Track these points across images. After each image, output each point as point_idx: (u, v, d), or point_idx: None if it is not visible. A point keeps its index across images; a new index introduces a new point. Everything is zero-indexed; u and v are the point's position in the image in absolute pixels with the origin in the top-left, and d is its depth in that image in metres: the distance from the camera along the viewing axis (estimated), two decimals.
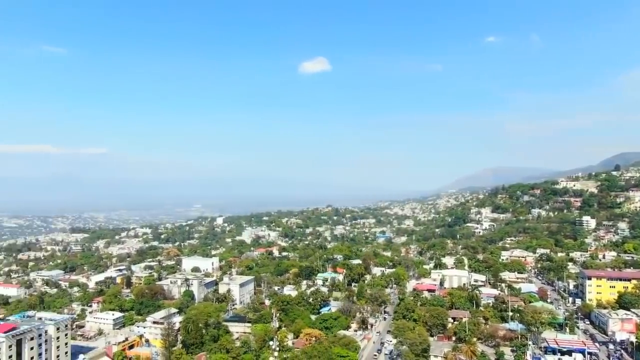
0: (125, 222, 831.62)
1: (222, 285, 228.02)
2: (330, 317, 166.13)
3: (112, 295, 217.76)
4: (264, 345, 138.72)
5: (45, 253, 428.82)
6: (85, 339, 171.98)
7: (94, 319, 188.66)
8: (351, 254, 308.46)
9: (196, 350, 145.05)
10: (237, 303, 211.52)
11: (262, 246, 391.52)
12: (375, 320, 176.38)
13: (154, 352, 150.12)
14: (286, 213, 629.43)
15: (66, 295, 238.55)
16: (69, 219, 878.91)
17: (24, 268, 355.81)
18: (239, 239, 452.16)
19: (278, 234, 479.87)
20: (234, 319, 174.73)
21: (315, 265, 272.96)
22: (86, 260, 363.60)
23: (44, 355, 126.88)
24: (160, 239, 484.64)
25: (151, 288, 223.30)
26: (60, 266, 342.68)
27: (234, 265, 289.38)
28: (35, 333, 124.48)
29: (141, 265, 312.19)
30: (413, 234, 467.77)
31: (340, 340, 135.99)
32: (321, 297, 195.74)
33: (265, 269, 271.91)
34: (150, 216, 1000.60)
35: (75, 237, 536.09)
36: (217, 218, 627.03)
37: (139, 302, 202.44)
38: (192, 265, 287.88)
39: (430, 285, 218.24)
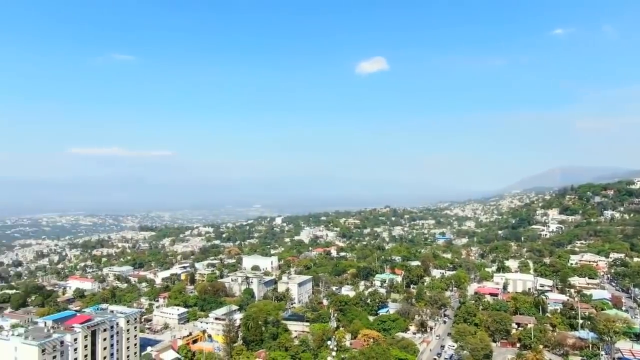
0: (189, 221, 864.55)
1: (281, 284, 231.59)
2: (388, 318, 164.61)
3: (177, 291, 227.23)
4: (322, 345, 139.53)
5: (116, 250, 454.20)
6: (153, 332, 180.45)
7: (161, 313, 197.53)
8: (410, 255, 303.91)
9: (256, 347, 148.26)
10: (295, 302, 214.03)
11: (320, 246, 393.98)
12: (435, 324, 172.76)
13: (216, 347, 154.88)
14: (344, 213, 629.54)
15: (135, 290, 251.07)
16: (137, 218, 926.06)
17: (97, 263, 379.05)
18: (297, 238, 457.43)
19: (336, 234, 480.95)
20: (293, 317, 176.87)
21: (373, 266, 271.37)
22: (153, 257, 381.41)
23: (116, 346, 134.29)
24: (222, 237, 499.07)
25: (213, 285, 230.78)
26: (130, 262, 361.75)
27: (292, 265, 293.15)
28: (108, 325, 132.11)
29: (204, 263, 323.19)
30: (474, 235, 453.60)
31: (399, 342, 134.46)
32: (379, 298, 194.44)
33: (323, 269, 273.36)
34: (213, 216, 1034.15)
35: (143, 235, 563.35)
36: (276, 218, 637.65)
37: (202, 299, 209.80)
38: (252, 263, 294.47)
39: (493, 289, 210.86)
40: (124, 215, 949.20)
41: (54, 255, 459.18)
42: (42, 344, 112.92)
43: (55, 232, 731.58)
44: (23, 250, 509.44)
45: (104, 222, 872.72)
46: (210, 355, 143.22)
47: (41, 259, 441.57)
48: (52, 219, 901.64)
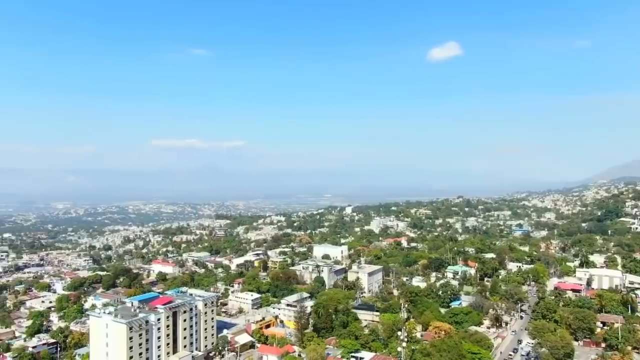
0: (262, 210, 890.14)
1: (351, 273, 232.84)
2: (460, 311, 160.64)
3: (251, 277, 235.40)
4: (392, 335, 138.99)
5: (194, 236, 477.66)
6: (228, 316, 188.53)
7: (236, 298, 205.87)
8: (484, 247, 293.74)
9: (326, 334, 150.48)
10: (365, 291, 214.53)
11: (390, 236, 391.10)
12: (511, 319, 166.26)
13: (288, 332, 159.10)
14: (415, 204, 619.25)
15: (212, 275, 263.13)
16: (214, 207, 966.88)
17: (177, 249, 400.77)
18: (367, 228, 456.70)
19: (406, 225, 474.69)
20: (363, 307, 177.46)
21: (445, 258, 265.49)
22: (228, 244, 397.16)
23: (194, 327, 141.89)
24: (293, 226, 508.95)
25: (285, 272, 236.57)
26: (207, 249, 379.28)
27: (362, 254, 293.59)
28: (187, 307, 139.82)
29: (276, 251, 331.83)
30: (554, 228, 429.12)
31: (472, 336, 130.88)
32: (451, 290, 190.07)
33: (394, 259, 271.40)
34: (284, 205, 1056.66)
35: (219, 223, 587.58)
36: (346, 207, 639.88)
37: (274, 285, 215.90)
38: (322, 252, 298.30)
39: (575, 285, 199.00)
40: (202, 203, 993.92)
41: (139, 240, 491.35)
42: (129, 322, 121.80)
43: (140, 219, 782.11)
44: (112, 236, 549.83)
45: (183, 210, 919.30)
46: (282, 340, 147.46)
47: (128, 244, 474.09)
48: (137, 207, 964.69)
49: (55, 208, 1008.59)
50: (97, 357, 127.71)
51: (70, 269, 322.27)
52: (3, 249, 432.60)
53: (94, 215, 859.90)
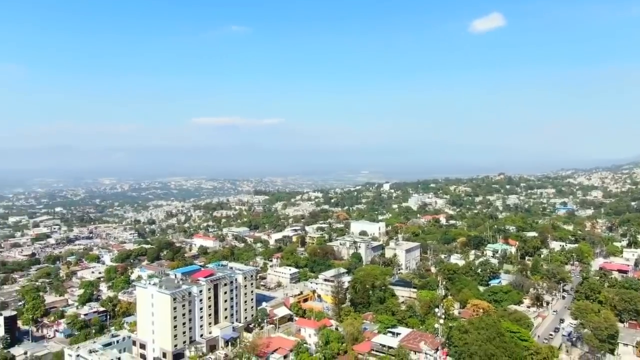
0: (299, 187, 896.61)
1: (388, 249, 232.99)
2: (500, 290, 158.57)
3: (289, 252, 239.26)
4: (429, 312, 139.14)
5: (234, 212, 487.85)
6: (267, 289, 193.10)
7: (274, 272, 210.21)
8: (525, 225, 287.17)
9: (363, 310, 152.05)
10: (402, 268, 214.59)
11: (428, 213, 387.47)
12: (552, 299, 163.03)
13: (325, 307, 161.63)
14: (454, 180, 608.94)
15: (251, 250, 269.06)
16: (252, 183, 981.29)
17: (217, 224, 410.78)
18: (405, 205, 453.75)
19: (445, 202, 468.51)
20: (400, 283, 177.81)
21: (485, 236, 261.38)
22: (267, 220, 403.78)
23: (235, 299, 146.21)
24: (331, 202, 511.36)
25: (323, 248, 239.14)
26: (246, 224, 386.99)
27: (400, 231, 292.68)
28: (228, 280, 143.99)
29: (314, 227, 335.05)
30: (601, 206, 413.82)
31: (511, 315, 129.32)
32: (490, 268, 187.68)
33: (432, 237, 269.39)
34: (322, 181, 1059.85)
35: (258, 199, 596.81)
36: (384, 184, 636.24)
37: (312, 260, 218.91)
38: (359, 228, 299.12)
39: (622, 265, 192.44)
40: (241, 180, 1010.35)
41: (181, 215, 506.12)
42: (173, 293, 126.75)
43: (182, 195, 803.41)
44: (156, 210, 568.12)
45: (223, 186, 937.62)
46: (320, 314, 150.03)
47: (170, 219, 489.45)
48: (179, 183, 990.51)
49: (103, 183, 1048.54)
50: (143, 325, 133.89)
51: (117, 241, 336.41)
52: (55, 222, 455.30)
53: (138, 190, 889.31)
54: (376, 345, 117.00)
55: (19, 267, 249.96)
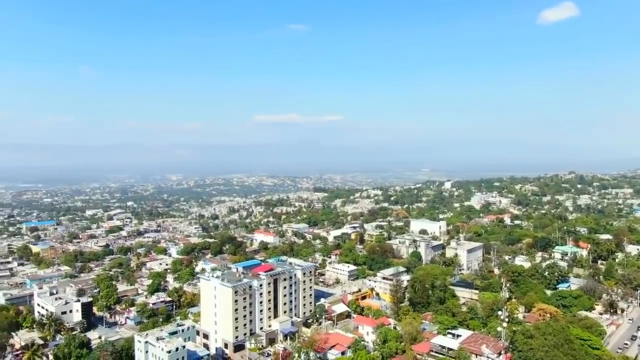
0: (358, 184, 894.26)
1: (449, 249, 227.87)
2: (569, 294, 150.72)
3: (348, 250, 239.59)
4: (491, 314, 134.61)
5: (294, 208, 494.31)
6: (326, 286, 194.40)
7: (333, 269, 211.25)
8: (598, 227, 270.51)
9: (422, 309, 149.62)
10: (464, 268, 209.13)
11: (492, 213, 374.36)
12: (628, 306, 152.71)
13: (383, 305, 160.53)
14: (520, 179, 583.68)
15: (310, 246, 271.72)
16: (312, 180, 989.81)
17: (278, 220, 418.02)
18: (467, 204, 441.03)
19: (510, 201, 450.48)
20: (461, 284, 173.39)
21: (553, 237, 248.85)
22: (326, 217, 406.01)
23: (294, 294, 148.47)
24: (390, 200, 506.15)
25: (381, 246, 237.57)
26: (305, 220, 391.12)
27: (461, 231, 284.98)
28: (287, 275, 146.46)
29: (372, 224, 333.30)
30: None
31: (581, 321, 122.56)
32: (559, 271, 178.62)
33: (495, 237, 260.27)
34: (381, 179, 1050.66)
35: (317, 196, 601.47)
36: (445, 182, 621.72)
37: (370, 258, 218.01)
38: (419, 227, 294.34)
39: None
40: (300, 177, 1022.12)
41: (242, 211, 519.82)
42: (235, 286, 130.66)
43: (244, 191, 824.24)
44: (219, 206, 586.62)
45: (283, 183, 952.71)
46: (378, 312, 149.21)
47: (233, 214, 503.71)
48: (240, 179, 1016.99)
49: (170, 180, 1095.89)
50: (207, 316, 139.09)
51: (183, 235, 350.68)
52: (127, 215, 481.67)
53: (202, 186, 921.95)
54: (435, 346, 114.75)
55: (94, 257, 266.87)
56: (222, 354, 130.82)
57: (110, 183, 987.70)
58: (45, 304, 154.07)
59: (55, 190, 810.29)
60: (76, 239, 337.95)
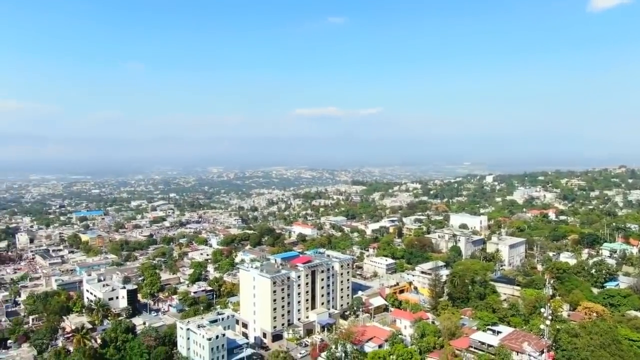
0: (397, 177, 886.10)
1: (490, 244, 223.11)
2: (617, 293, 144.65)
3: (386, 243, 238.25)
4: (534, 312, 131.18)
5: (332, 201, 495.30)
6: (363, 278, 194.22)
7: (370, 262, 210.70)
8: None
9: (461, 305, 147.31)
10: (505, 264, 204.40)
11: (535, 208, 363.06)
12: None
13: (422, 299, 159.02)
14: (566, 173, 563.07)
15: (348, 239, 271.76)
16: (350, 173, 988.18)
17: (316, 212, 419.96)
18: (509, 198, 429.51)
19: (555, 196, 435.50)
20: (502, 279, 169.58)
21: (601, 234, 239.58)
22: (364, 210, 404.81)
23: (331, 286, 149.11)
24: (429, 194, 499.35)
25: (420, 240, 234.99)
26: (343, 213, 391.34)
27: (503, 226, 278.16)
28: (325, 267, 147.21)
29: (411, 218, 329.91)
30: None
31: (630, 321, 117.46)
32: (607, 269, 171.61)
33: (539, 232, 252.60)
34: (420, 172, 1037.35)
35: (355, 189, 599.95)
36: (487, 176, 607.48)
37: (408, 252, 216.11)
38: (459, 221, 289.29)
39: None
40: (339, 170, 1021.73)
41: (281, 203, 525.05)
42: (273, 277, 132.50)
43: (282, 184, 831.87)
44: (258, 198, 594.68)
45: (321, 176, 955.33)
46: (416, 306, 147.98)
47: (271, 206, 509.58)
48: (279, 172, 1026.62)
49: (211, 172, 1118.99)
50: (246, 305, 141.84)
51: (223, 226, 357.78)
52: (170, 206, 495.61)
53: (242, 179, 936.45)
54: (475, 342, 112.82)
55: (139, 246, 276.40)
56: (261, 343, 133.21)
57: (154, 175, 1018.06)
58: (94, 290, 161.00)
59: (102, 181, 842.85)
60: (122, 229, 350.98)
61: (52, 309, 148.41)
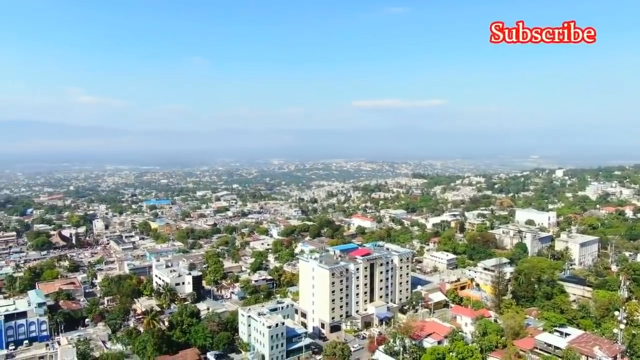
0: (460, 171, 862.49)
1: (558, 242, 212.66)
2: None
3: (447, 238, 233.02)
4: (606, 314, 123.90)
5: (391, 194, 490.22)
6: (423, 273, 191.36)
7: (430, 256, 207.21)
8: None
9: (526, 304, 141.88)
10: (575, 263, 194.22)
11: (610, 204, 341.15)
12: None
13: (484, 296, 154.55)
14: None
15: (408, 232, 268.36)
16: (411, 165, 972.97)
17: (375, 205, 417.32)
18: (581, 194, 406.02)
19: (634, 192, 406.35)
20: (572, 279, 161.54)
21: None
22: (425, 204, 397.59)
23: (390, 280, 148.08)
24: (494, 188, 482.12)
25: (483, 235, 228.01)
26: (403, 206, 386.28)
27: (574, 223, 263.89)
28: (384, 260, 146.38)
29: (474, 213, 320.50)
30: None
31: None
32: None
33: (614, 231, 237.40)
34: (485, 165, 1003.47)
35: (416, 182, 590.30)
36: (556, 170, 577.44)
37: (471, 247, 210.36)
38: (525, 217, 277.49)
39: None
40: (399, 162, 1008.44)
41: (340, 195, 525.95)
42: (332, 269, 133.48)
43: (342, 176, 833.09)
44: (318, 190, 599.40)
45: (381, 168, 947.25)
46: (477, 304, 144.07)
47: (331, 198, 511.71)
48: (339, 164, 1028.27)
49: (272, 164, 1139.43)
50: (304, 296, 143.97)
51: (283, 217, 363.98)
52: (233, 197, 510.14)
53: (302, 170, 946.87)
54: (540, 343, 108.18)
55: (204, 234, 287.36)
56: (319, 333, 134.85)
57: (218, 166, 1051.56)
58: (162, 275, 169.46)
59: (170, 172, 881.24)
60: (188, 218, 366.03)
61: (124, 292, 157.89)
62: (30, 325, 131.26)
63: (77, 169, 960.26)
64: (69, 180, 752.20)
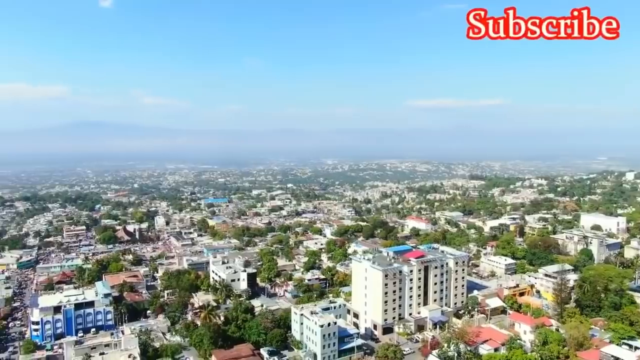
0: (520, 172, 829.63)
1: (628, 249, 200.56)
2: None
3: (505, 242, 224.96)
4: None
5: (447, 196, 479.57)
6: (479, 278, 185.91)
7: (488, 261, 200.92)
8: None
9: (592, 314, 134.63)
10: None
11: None
12: None
13: (545, 304, 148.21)
14: None
15: (464, 235, 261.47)
16: (468, 167, 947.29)
17: (430, 207, 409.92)
18: None
19: None
20: None
21: None
22: (482, 206, 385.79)
23: (445, 283, 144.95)
24: (557, 191, 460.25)
25: (545, 240, 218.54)
26: (459, 208, 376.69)
27: None
28: (438, 263, 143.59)
29: (535, 216, 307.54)
30: None
31: None
32: None
33: None
34: (547, 167, 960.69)
35: (473, 184, 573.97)
36: (627, 173, 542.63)
37: (531, 252, 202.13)
38: (591, 222, 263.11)
39: None
40: (455, 163, 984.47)
41: (395, 196, 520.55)
42: (385, 270, 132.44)
43: (396, 176, 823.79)
44: (372, 190, 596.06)
45: (437, 169, 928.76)
46: (538, 311, 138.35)
47: (385, 199, 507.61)
48: (393, 165, 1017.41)
49: (325, 163, 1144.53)
50: (357, 296, 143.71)
51: (337, 217, 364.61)
52: (287, 196, 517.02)
53: (356, 171, 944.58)
54: (607, 356, 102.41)
55: (259, 232, 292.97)
56: (371, 334, 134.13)
57: (273, 166, 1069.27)
58: (218, 271, 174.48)
59: (227, 171, 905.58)
60: (244, 216, 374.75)
61: (183, 286, 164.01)
62: (97, 315, 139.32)
63: (141, 168, 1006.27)
64: (133, 178, 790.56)
